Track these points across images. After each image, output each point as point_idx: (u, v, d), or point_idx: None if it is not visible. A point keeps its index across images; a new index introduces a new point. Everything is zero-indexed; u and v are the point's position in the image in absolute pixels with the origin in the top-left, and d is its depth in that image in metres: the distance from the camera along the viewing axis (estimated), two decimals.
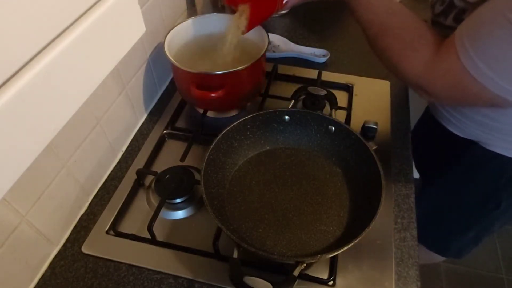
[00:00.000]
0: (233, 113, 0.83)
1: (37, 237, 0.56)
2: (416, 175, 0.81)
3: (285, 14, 1.11)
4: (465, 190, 0.82)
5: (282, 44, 0.98)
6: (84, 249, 0.61)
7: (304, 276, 0.57)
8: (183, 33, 0.79)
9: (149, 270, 0.59)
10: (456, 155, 0.78)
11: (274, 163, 0.68)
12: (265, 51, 0.72)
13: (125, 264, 0.60)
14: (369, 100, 0.84)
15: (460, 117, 0.70)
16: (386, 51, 0.59)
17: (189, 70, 0.70)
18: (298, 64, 0.94)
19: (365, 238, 0.50)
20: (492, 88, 0.48)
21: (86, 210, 0.66)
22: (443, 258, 1.12)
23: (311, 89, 0.77)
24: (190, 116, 0.83)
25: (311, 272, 0.58)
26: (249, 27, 0.67)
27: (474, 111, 0.66)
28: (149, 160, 0.72)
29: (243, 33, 0.69)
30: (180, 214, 0.65)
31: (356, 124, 0.77)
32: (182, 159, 0.69)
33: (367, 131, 0.74)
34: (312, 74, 0.88)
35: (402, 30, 0.57)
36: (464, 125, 0.70)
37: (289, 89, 0.80)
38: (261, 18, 0.71)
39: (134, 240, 0.62)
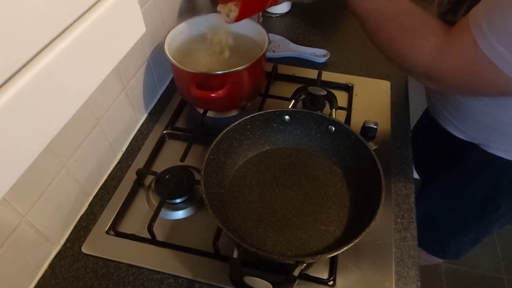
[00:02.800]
0: (233, 113, 0.83)
1: (37, 237, 0.56)
2: (416, 175, 0.81)
3: (285, 14, 1.11)
4: (464, 191, 0.82)
5: (282, 44, 0.98)
6: (84, 249, 0.61)
7: (304, 276, 0.57)
8: (183, 33, 0.79)
9: (149, 270, 0.59)
10: (456, 157, 0.77)
11: (274, 163, 0.68)
12: (265, 51, 0.72)
13: (125, 264, 0.60)
14: (369, 100, 0.84)
15: (460, 116, 0.69)
16: (389, 41, 0.56)
17: (189, 70, 0.70)
18: (298, 64, 0.94)
19: (365, 238, 0.50)
20: (510, 73, 0.45)
21: (86, 210, 0.66)
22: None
23: (311, 89, 0.77)
24: (190, 116, 0.83)
25: (311, 272, 0.58)
26: (239, 18, 0.64)
27: (477, 110, 0.65)
28: (149, 160, 0.72)
29: (230, 23, 0.66)
30: (180, 214, 0.65)
31: (356, 124, 0.77)
32: (182, 159, 0.69)
33: (367, 131, 0.74)
34: (312, 74, 0.88)
35: (405, 18, 0.54)
36: (465, 126, 0.70)
37: (289, 89, 0.80)
38: (252, 10, 0.68)
39: (134, 240, 0.62)
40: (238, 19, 0.65)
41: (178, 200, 0.65)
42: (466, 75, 0.50)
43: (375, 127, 0.74)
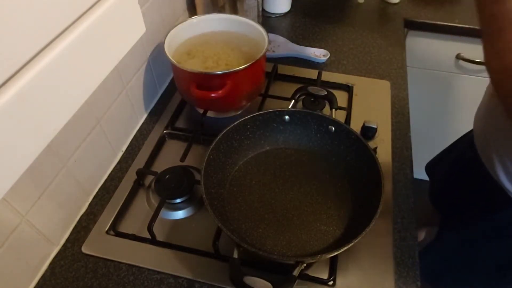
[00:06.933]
0: (233, 113, 0.83)
1: (37, 237, 0.56)
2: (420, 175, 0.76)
3: (285, 14, 1.11)
4: (487, 248, 0.74)
5: (282, 44, 0.98)
6: (84, 249, 0.61)
7: (304, 276, 0.57)
8: (183, 33, 0.79)
9: (149, 270, 0.59)
10: (492, 207, 0.69)
11: (274, 163, 0.68)
12: (265, 51, 0.72)
13: (125, 264, 0.60)
14: (369, 100, 0.84)
15: None
16: None
17: (189, 70, 0.70)
18: (298, 64, 0.94)
19: (365, 238, 0.50)
20: None
21: (86, 210, 0.66)
22: None
23: (311, 89, 0.77)
24: (190, 116, 0.83)
25: (311, 272, 0.58)
26: None
27: None
28: (149, 160, 0.72)
29: None
30: (180, 214, 0.65)
31: (356, 124, 0.77)
32: (182, 159, 0.69)
33: (367, 131, 0.74)
34: (312, 74, 0.88)
35: None
36: None
37: (289, 89, 0.80)
38: None
39: (134, 240, 0.62)
40: None
41: (178, 200, 0.65)
42: None
43: (375, 127, 0.74)
